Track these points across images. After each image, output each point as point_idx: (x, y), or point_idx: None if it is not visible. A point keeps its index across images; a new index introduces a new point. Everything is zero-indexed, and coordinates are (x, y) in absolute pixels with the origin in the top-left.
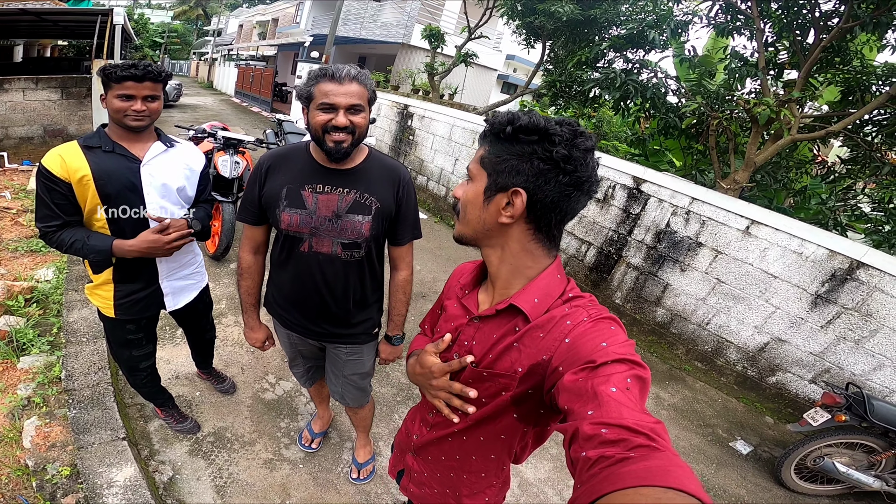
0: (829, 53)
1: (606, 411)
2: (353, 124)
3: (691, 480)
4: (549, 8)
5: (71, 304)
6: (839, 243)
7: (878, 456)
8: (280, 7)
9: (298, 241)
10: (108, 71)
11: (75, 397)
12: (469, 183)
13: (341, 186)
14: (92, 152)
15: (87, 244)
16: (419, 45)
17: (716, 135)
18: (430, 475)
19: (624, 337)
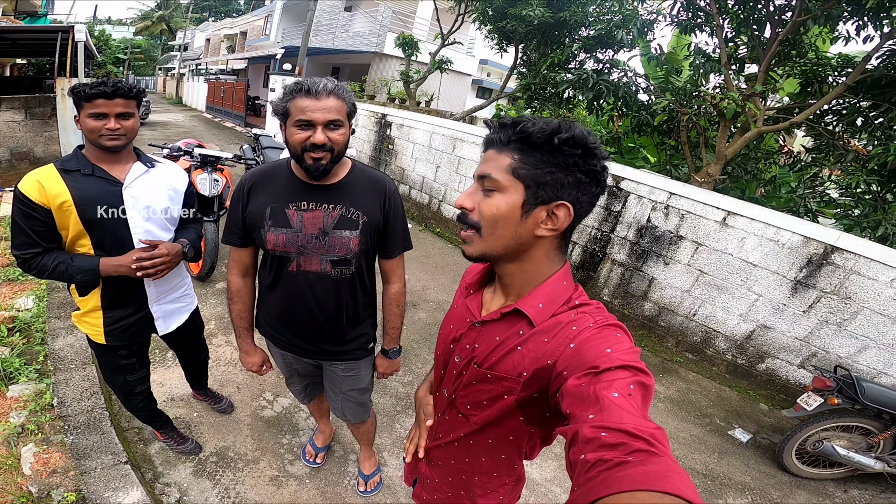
0: (786, 47)
1: (607, 415)
2: (332, 142)
3: (687, 486)
4: (520, 12)
5: (55, 332)
6: (812, 229)
7: (876, 438)
8: (248, 20)
9: (286, 260)
10: (77, 90)
11: (70, 423)
12: (494, 195)
13: (326, 202)
14: (71, 176)
15: (71, 265)
16: (393, 54)
17: (686, 130)
18: (442, 480)
19: (629, 344)
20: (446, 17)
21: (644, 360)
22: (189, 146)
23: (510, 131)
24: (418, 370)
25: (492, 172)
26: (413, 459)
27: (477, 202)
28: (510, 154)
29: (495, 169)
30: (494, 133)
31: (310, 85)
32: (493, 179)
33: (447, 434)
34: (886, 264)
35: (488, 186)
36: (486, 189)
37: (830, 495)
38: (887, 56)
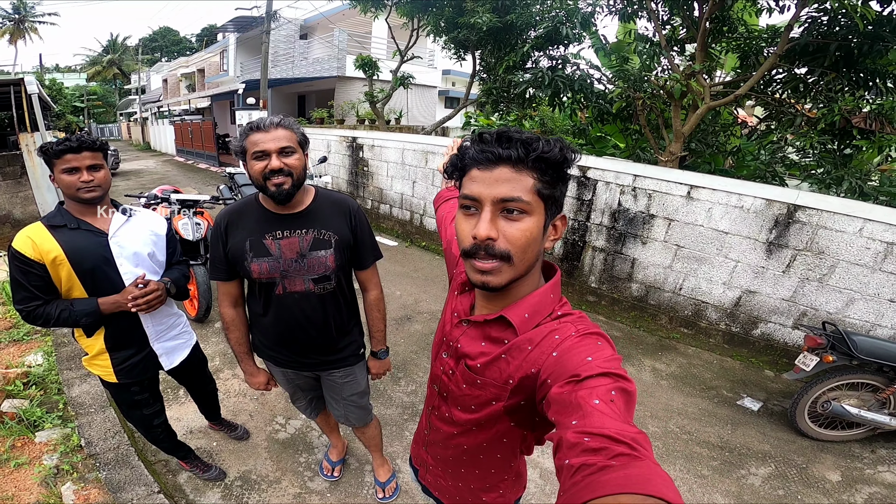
0: (717, 24)
1: (590, 421)
2: (288, 166)
3: (670, 489)
4: (469, 20)
5: (70, 382)
6: (772, 191)
7: (884, 393)
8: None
9: (272, 285)
10: (45, 149)
11: (101, 460)
12: (523, 218)
13: (298, 228)
14: (59, 231)
15: (73, 311)
16: (355, 76)
17: (644, 114)
18: (443, 470)
19: (610, 352)
20: (401, 33)
21: (641, 340)
22: (165, 193)
23: (525, 150)
24: (420, 379)
25: (521, 195)
26: (417, 447)
27: (500, 229)
28: (530, 173)
29: (523, 190)
30: (507, 149)
31: (258, 122)
32: (524, 202)
33: (440, 429)
34: (850, 215)
35: (515, 209)
36: (511, 211)
37: (858, 456)
38: (809, 24)
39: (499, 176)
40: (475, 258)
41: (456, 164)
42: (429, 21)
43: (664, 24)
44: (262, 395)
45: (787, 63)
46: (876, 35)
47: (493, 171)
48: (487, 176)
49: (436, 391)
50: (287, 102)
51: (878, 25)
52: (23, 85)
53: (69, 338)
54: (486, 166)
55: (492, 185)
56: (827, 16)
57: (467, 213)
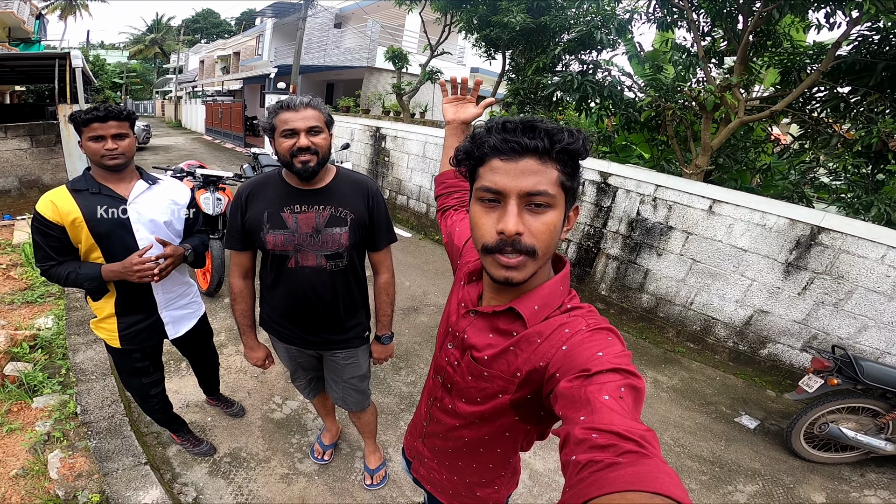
0: (762, 38)
1: (598, 417)
2: (315, 145)
3: (677, 487)
4: (503, 19)
5: (76, 347)
6: (797, 211)
7: (883, 419)
8: (240, 41)
9: (285, 258)
10: (74, 117)
11: (93, 429)
12: (547, 212)
13: (317, 204)
14: (80, 195)
15: (79, 274)
16: (385, 67)
17: (673, 125)
18: (439, 463)
19: (620, 348)
20: (433, 28)
21: (646, 351)
22: (191, 167)
23: (551, 141)
24: (420, 370)
25: (548, 188)
26: (413, 439)
27: (526, 223)
28: (555, 165)
29: (549, 183)
30: (533, 139)
31: (289, 101)
32: (550, 195)
33: (442, 421)
34: (874, 241)
35: (542, 202)
36: (537, 205)
37: (847, 479)
38: (859, 42)
39: (524, 168)
40: (501, 254)
41: (471, 152)
42: (462, 17)
43: (704, 36)
44: (263, 373)
45: (830, 81)
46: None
47: (518, 162)
48: (512, 168)
49: (439, 382)
50: (315, 89)
51: None
52: (68, 59)
53: (82, 302)
54: (510, 157)
55: (517, 177)
56: (879, 34)
57: (487, 205)
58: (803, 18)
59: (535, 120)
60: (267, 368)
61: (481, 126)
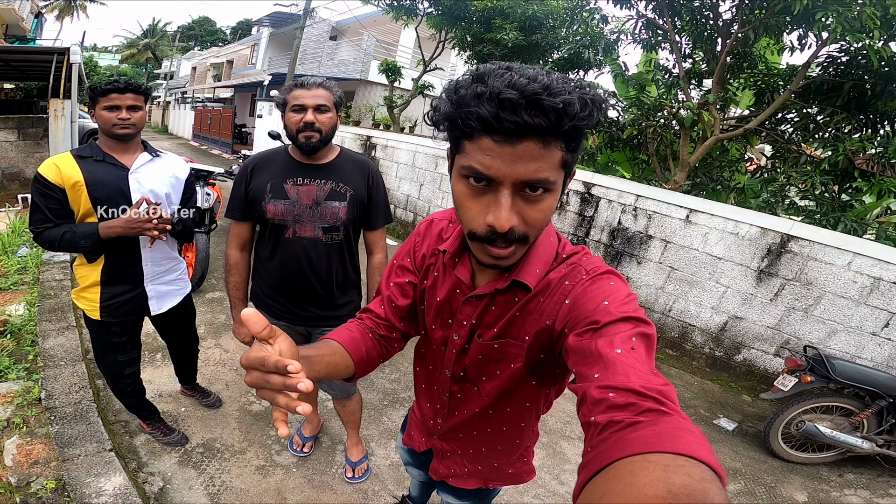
0: (738, 60)
1: (613, 374)
2: (320, 122)
3: (701, 446)
4: (496, 36)
5: (46, 333)
6: (767, 220)
7: (857, 417)
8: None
9: (283, 228)
10: (93, 87)
11: (57, 415)
12: (545, 197)
13: (319, 178)
14: (84, 161)
15: (76, 232)
16: (377, 81)
17: (654, 143)
18: (464, 452)
19: (625, 291)
20: (428, 44)
21: None
22: None
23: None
24: (405, 368)
25: (549, 175)
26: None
27: (520, 211)
28: (559, 144)
29: (550, 169)
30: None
31: (303, 80)
32: (551, 182)
33: (462, 410)
34: (840, 248)
35: (541, 187)
36: (534, 189)
37: (825, 479)
38: (828, 62)
39: (523, 152)
40: (490, 244)
41: (454, 121)
42: (456, 34)
43: (685, 58)
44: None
45: (801, 101)
46: (890, 76)
47: (515, 146)
48: (508, 152)
49: (447, 377)
50: None
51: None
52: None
53: (55, 291)
54: (505, 138)
55: (514, 162)
56: (846, 55)
57: (475, 186)
58: (778, 41)
59: (538, 91)
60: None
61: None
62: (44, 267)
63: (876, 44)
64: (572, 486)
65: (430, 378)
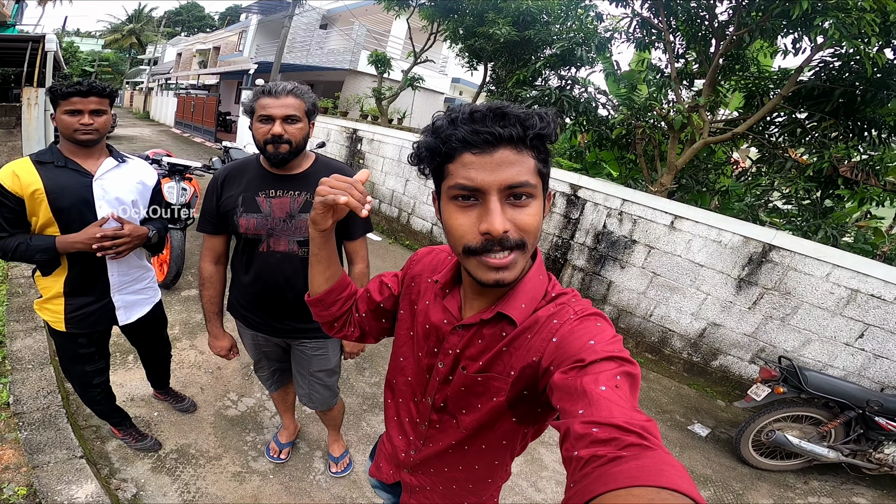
0: (731, 62)
1: (597, 410)
2: (289, 134)
3: (684, 479)
4: (488, 30)
5: (14, 335)
6: (751, 229)
7: (825, 427)
8: (222, 35)
9: (257, 242)
10: (54, 89)
11: (25, 420)
12: (530, 203)
13: (292, 189)
14: (44, 167)
15: (30, 245)
16: (366, 71)
17: (643, 143)
18: (433, 488)
19: (611, 333)
20: (419, 35)
21: None
22: (157, 155)
23: (523, 127)
24: (384, 371)
25: (528, 178)
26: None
27: (511, 218)
28: (530, 153)
29: (528, 173)
30: (506, 127)
31: (271, 87)
32: (531, 185)
33: (437, 442)
34: (820, 259)
35: (523, 193)
36: (518, 197)
37: (791, 486)
38: (820, 68)
39: (501, 159)
40: (489, 254)
41: (436, 149)
42: (449, 26)
43: (678, 58)
44: (218, 368)
45: (790, 106)
46: (881, 83)
47: (492, 154)
48: (488, 161)
49: (428, 405)
50: None
51: (887, 74)
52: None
53: (24, 288)
54: (482, 149)
55: (495, 170)
56: (840, 61)
57: (463, 204)
58: (772, 43)
59: (502, 105)
60: (230, 360)
61: (439, 116)
62: (12, 264)
63: (871, 50)
64: (549, 494)
65: (405, 408)
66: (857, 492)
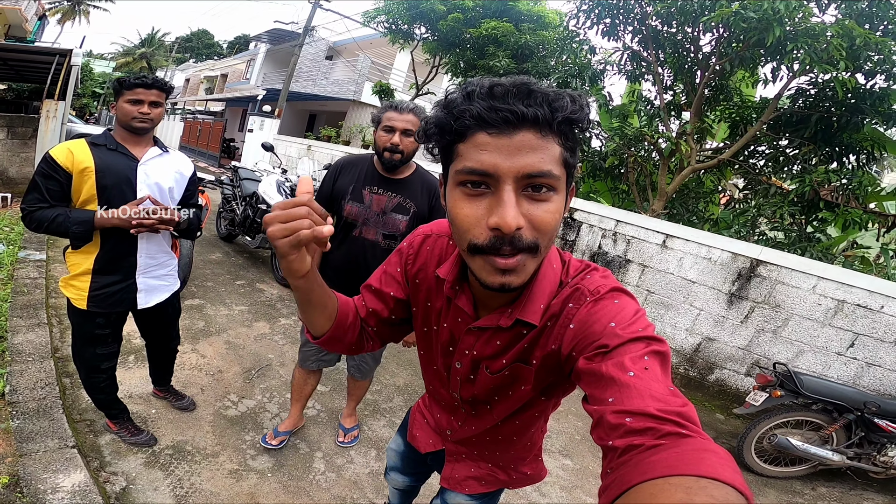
0: (715, 92)
1: (628, 398)
2: (403, 145)
3: (726, 467)
4: (489, 63)
5: (16, 329)
6: (738, 246)
7: (826, 431)
8: (231, 63)
9: (353, 227)
10: (122, 80)
11: (19, 409)
12: (551, 197)
13: (391, 191)
14: (97, 149)
15: (69, 216)
16: (369, 102)
17: (634, 172)
18: (480, 454)
19: (633, 309)
20: (421, 68)
21: None
22: None
23: (551, 109)
24: (386, 381)
25: (552, 168)
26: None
27: (526, 213)
28: (556, 139)
29: (552, 161)
30: (531, 107)
31: (398, 104)
32: (555, 176)
33: (472, 426)
34: (805, 272)
35: (544, 185)
36: (538, 189)
37: (799, 493)
38: (797, 94)
39: (521, 143)
40: (496, 255)
41: (445, 125)
42: (450, 60)
43: (667, 89)
44: (219, 371)
45: (772, 133)
46: (855, 108)
47: (512, 136)
48: (506, 143)
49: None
50: (298, 118)
51: (860, 99)
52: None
53: (30, 288)
54: (501, 129)
55: (513, 154)
56: (815, 88)
57: (472, 191)
58: (753, 73)
59: (528, 81)
60: None
61: (453, 91)
62: (19, 265)
63: (842, 75)
64: (553, 498)
65: (440, 394)
66: (867, 497)
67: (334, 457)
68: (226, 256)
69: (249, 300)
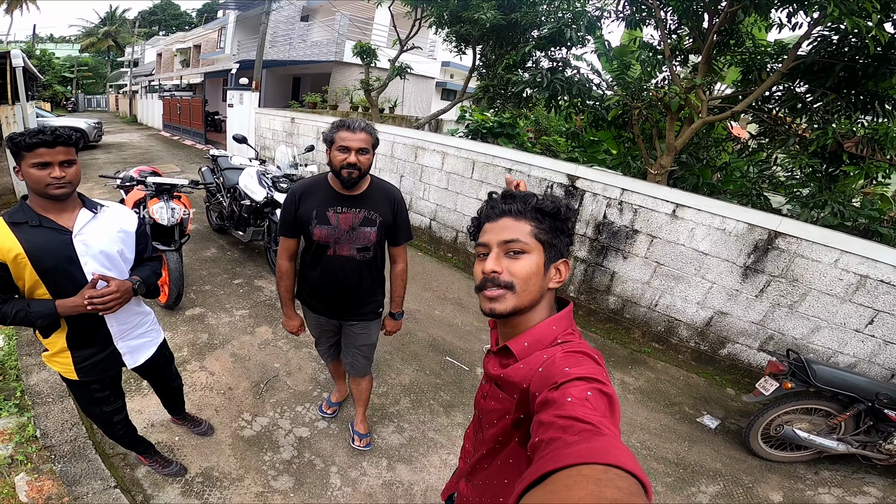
0: (725, 37)
1: (563, 409)
2: (360, 162)
3: (629, 459)
4: (473, 15)
5: (28, 369)
6: (755, 216)
7: (835, 419)
8: (201, 33)
9: (326, 248)
10: (16, 140)
11: (56, 452)
12: (523, 257)
13: (354, 207)
14: (20, 228)
15: (29, 312)
16: (353, 62)
17: (639, 123)
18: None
19: (592, 366)
20: (403, 22)
21: (613, 352)
22: (142, 174)
23: (523, 204)
24: (391, 380)
25: (520, 237)
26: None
27: (505, 265)
28: (528, 221)
29: (521, 234)
30: (509, 204)
31: (350, 123)
32: (523, 242)
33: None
34: (828, 245)
35: (516, 249)
36: (514, 251)
37: (802, 477)
38: (818, 42)
39: (503, 225)
40: (485, 289)
41: (476, 225)
42: (432, 12)
43: (671, 34)
44: (229, 389)
45: (789, 80)
46: (884, 57)
47: (498, 221)
48: (495, 226)
49: (477, 416)
50: (281, 84)
51: (888, 48)
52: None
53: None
54: (493, 219)
55: (497, 232)
56: (839, 35)
57: (481, 258)
58: (766, 18)
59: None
60: (299, 335)
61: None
62: None
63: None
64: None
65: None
66: (868, 481)
67: (349, 470)
68: (221, 252)
69: (249, 301)
